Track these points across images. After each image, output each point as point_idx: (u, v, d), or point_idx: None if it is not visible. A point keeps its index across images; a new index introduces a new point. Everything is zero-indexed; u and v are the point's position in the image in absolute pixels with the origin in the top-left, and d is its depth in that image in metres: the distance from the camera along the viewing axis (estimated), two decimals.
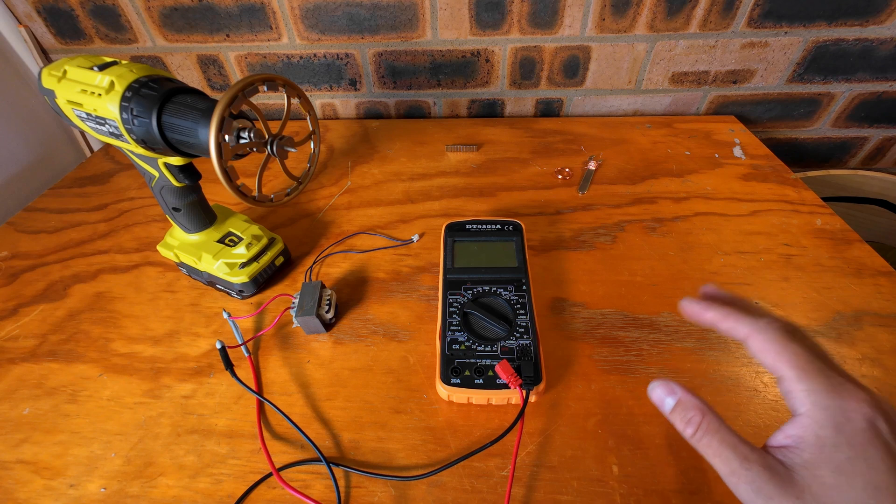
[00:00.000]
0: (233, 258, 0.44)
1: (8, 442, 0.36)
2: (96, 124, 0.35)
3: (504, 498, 0.31)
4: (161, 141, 0.34)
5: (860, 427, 0.20)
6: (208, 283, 0.46)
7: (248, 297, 0.46)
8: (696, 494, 0.31)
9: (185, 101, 0.33)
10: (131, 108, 0.33)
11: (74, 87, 0.35)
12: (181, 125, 0.33)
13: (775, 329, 0.23)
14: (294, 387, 0.38)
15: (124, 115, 0.33)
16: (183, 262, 0.46)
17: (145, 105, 0.33)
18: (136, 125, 0.34)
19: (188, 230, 0.45)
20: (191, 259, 0.44)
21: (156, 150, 0.36)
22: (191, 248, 0.45)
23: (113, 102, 0.33)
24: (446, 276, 0.43)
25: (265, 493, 0.32)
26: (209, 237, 0.45)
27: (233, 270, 0.43)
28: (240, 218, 0.48)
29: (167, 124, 0.33)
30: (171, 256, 0.46)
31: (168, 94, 0.34)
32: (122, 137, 0.35)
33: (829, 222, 0.52)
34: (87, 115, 0.35)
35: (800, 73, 0.69)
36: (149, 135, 0.34)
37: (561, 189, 0.58)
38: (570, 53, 0.67)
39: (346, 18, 0.64)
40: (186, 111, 0.33)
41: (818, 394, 0.21)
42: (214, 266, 0.43)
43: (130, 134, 0.34)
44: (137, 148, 0.36)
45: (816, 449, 0.20)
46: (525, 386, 0.34)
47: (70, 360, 0.41)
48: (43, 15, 0.65)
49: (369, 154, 0.66)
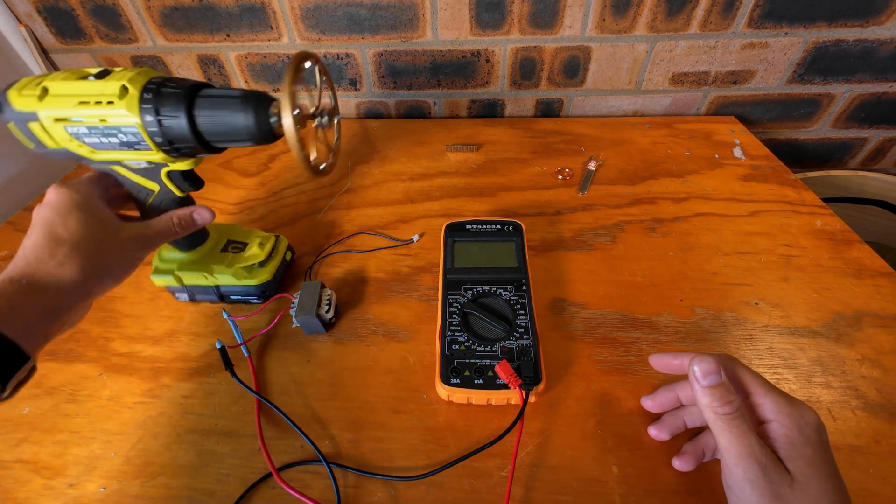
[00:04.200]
0: (248, 261, 0.43)
1: (7, 441, 0.36)
2: (101, 138, 0.33)
3: (504, 498, 0.31)
4: (192, 138, 0.33)
5: (813, 429, 0.26)
6: (220, 297, 0.44)
7: (270, 298, 0.44)
8: (695, 495, 0.31)
9: (215, 93, 0.33)
10: (156, 108, 0.31)
11: (67, 101, 0.31)
12: (219, 116, 0.32)
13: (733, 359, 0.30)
14: (294, 387, 0.38)
15: (147, 117, 0.31)
16: (187, 285, 0.43)
17: (173, 103, 0.32)
18: (165, 125, 0.32)
19: (188, 248, 0.42)
20: (199, 277, 0.42)
21: (179, 151, 0.34)
22: (195, 266, 0.42)
23: (131, 106, 0.31)
24: (446, 276, 0.43)
25: (265, 493, 0.32)
26: (211, 250, 0.43)
27: (252, 273, 0.43)
28: (234, 227, 0.47)
29: (202, 117, 0.32)
30: (169, 282, 0.43)
31: (193, 88, 0.32)
32: (138, 145, 0.33)
33: (828, 223, 0.52)
34: (88, 129, 0.32)
35: (800, 73, 0.69)
36: (179, 133, 0.32)
37: (561, 189, 0.58)
38: (571, 54, 0.67)
39: (347, 18, 0.64)
40: (222, 101, 0.32)
41: (781, 404, 0.27)
42: (231, 273, 0.42)
43: (154, 137, 0.32)
44: (153, 154, 0.34)
45: (789, 446, 0.26)
46: (525, 386, 0.34)
47: (70, 360, 0.41)
48: (43, 14, 0.65)
49: (369, 154, 0.66)
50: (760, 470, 0.25)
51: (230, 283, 0.43)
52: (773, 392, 0.28)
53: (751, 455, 0.25)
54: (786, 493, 0.24)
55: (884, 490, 0.31)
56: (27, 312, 0.27)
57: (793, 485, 0.24)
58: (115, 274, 0.33)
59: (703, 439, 0.32)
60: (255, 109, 0.32)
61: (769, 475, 0.25)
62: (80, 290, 0.30)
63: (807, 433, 0.26)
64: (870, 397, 0.36)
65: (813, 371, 0.38)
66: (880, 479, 0.32)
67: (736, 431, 0.26)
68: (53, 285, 0.29)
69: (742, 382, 0.29)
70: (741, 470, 0.25)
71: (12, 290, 0.28)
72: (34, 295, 0.28)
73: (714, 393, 0.27)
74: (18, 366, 0.27)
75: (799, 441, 0.25)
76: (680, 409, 0.34)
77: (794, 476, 0.25)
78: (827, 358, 0.39)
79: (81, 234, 0.31)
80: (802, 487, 0.24)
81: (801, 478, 0.25)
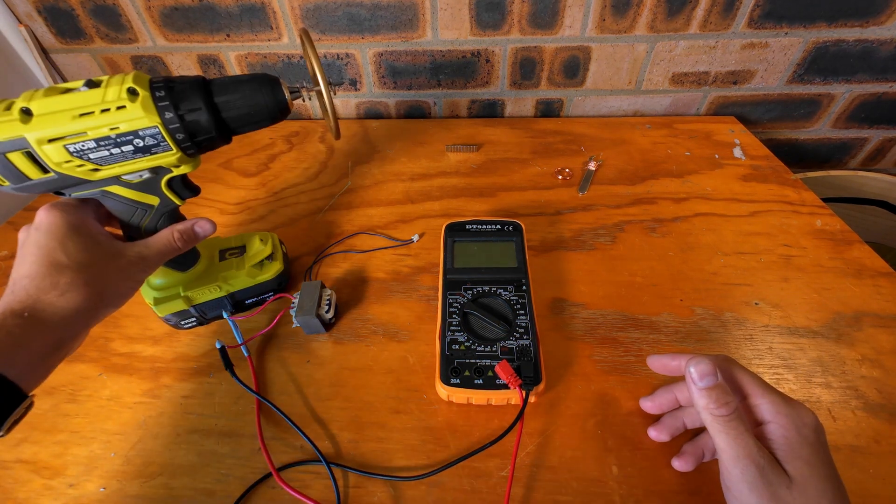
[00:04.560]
0: (256, 258, 0.42)
1: (7, 441, 0.36)
2: (112, 149, 0.30)
3: (503, 498, 0.31)
4: (213, 127, 0.33)
5: (811, 429, 0.26)
6: (233, 307, 0.43)
7: (285, 291, 0.44)
8: (695, 495, 0.31)
9: (224, 81, 0.33)
10: (175, 104, 0.31)
11: (62, 117, 0.29)
12: (239, 99, 0.33)
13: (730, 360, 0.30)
14: (293, 387, 0.38)
15: (167, 114, 0.30)
16: (199, 304, 0.41)
17: (191, 96, 0.31)
18: (188, 119, 0.31)
19: (187, 266, 0.40)
20: (212, 290, 0.40)
21: (200, 146, 0.33)
22: (203, 281, 0.40)
23: (147, 107, 0.30)
24: (446, 276, 0.43)
25: (265, 493, 0.32)
26: (210, 263, 0.42)
27: (264, 269, 0.42)
28: (216, 238, 0.44)
29: (223, 104, 0.33)
30: (179, 306, 0.40)
31: (200, 80, 0.33)
32: (157, 147, 0.31)
33: (828, 223, 0.52)
34: (96, 142, 0.30)
35: (800, 73, 0.69)
36: (201, 125, 0.32)
37: (561, 189, 0.58)
38: (571, 54, 0.67)
39: (347, 18, 0.64)
40: (236, 86, 0.33)
41: (779, 405, 0.27)
42: (245, 273, 0.41)
43: (175, 134, 0.31)
44: (170, 155, 0.32)
45: (787, 448, 0.26)
46: (525, 386, 0.34)
47: (69, 360, 0.41)
48: (43, 14, 0.65)
49: (369, 154, 0.66)
50: (758, 471, 0.25)
51: (245, 284, 0.42)
52: (771, 393, 0.28)
53: (748, 456, 0.25)
54: (784, 494, 0.24)
55: (884, 490, 0.31)
56: (31, 350, 0.26)
57: (791, 486, 0.24)
58: (118, 299, 0.31)
59: (702, 440, 0.32)
60: (270, 88, 0.34)
61: (767, 476, 0.25)
62: (83, 319, 0.29)
63: (805, 434, 0.26)
64: (870, 397, 0.36)
65: (813, 371, 0.38)
66: (880, 480, 0.32)
67: (733, 433, 0.26)
68: (58, 317, 0.27)
69: (739, 383, 0.29)
70: (739, 471, 0.25)
71: (13, 324, 0.26)
72: (37, 330, 0.27)
73: (711, 395, 0.27)
74: (16, 404, 0.25)
75: (797, 442, 0.25)
76: (679, 410, 0.34)
77: (793, 477, 0.25)
78: (827, 358, 0.39)
79: (83, 260, 0.29)
80: (801, 488, 0.24)
81: (800, 479, 0.25)
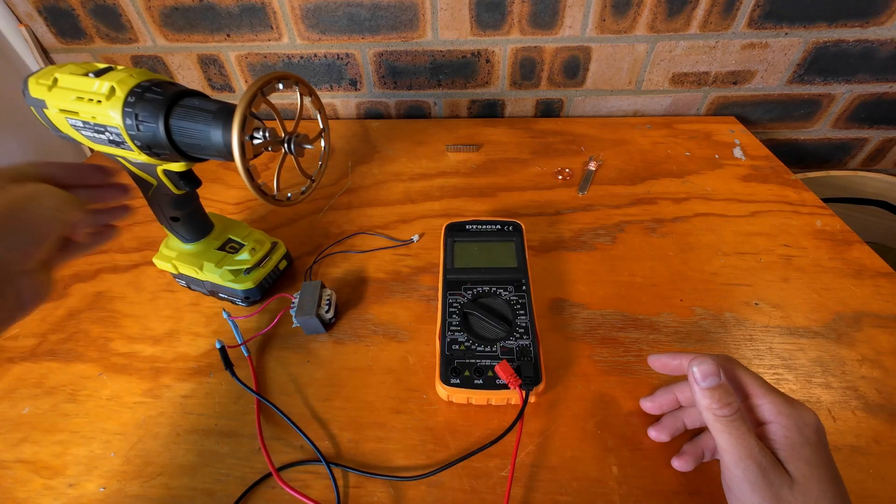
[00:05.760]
0: (237, 264, 0.43)
1: (7, 441, 0.36)
2: (94, 133, 0.34)
3: (503, 498, 0.31)
4: (168, 145, 0.33)
5: (813, 430, 0.26)
6: (210, 292, 0.45)
7: (254, 304, 0.45)
8: (695, 496, 0.31)
9: (192, 104, 0.33)
10: (136, 113, 0.32)
11: (68, 94, 0.33)
12: (192, 128, 0.32)
13: (732, 360, 0.30)
14: (293, 387, 0.38)
15: (128, 120, 0.32)
16: (182, 274, 0.45)
17: (151, 109, 0.32)
18: (142, 130, 0.32)
19: (187, 240, 0.43)
20: (191, 269, 0.43)
21: (159, 157, 0.35)
22: (190, 258, 0.43)
23: (115, 108, 0.32)
24: (446, 276, 0.43)
25: (264, 493, 0.32)
26: (209, 245, 0.44)
27: (238, 277, 0.43)
28: (239, 225, 0.47)
29: (176, 128, 0.32)
30: (168, 268, 0.44)
31: (174, 97, 0.33)
32: (123, 145, 0.34)
33: (829, 223, 0.52)
34: (83, 123, 0.33)
35: (800, 74, 0.69)
36: (155, 140, 0.33)
37: (561, 189, 0.58)
38: (571, 54, 0.67)
39: (347, 18, 0.64)
40: (196, 114, 0.32)
41: (780, 405, 0.27)
42: (218, 274, 0.42)
43: (134, 140, 0.33)
44: (139, 155, 0.35)
45: (788, 448, 0.26)
46: (525, 386, 0.34)
47: (70, 360, 0.41)
48: (44, 14, 0.65)
49: (369, 154, 0.66)
50: (760, 471, 0.25)
51: (215, 281, 0.43)
52: (773, 393, 0.28)
53: (750, 457, 0.25)
54: (785, 494, 0.24)
55: (884, 490, 0.31)
56: None
57: (793, 486, 0.24)
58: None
59: (702, 440, 0.32)
60: (224, 126, 0.31)
61: (769, 477, 0.25)
62: None
63: (806, 434, 0.26)
64: (870, 398, 0.36)
65: (813, 371, 0.38)
66: (880, 480, 0.32)
67: (735, 433, 0.26)
68: None
69: (741, 384, 0.29)
70: (741, 471, 0.25)
71: None
72: None
73: (713, 395, 0.27)
74: None
75: (798, 442, 0.26)
76: (679, 410, 0.34)
77: (794, 477, 0.25)
78: (827, 358, 0.39)
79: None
80: (802, 489, 0.24)
81: (801, 479, 0.25)
